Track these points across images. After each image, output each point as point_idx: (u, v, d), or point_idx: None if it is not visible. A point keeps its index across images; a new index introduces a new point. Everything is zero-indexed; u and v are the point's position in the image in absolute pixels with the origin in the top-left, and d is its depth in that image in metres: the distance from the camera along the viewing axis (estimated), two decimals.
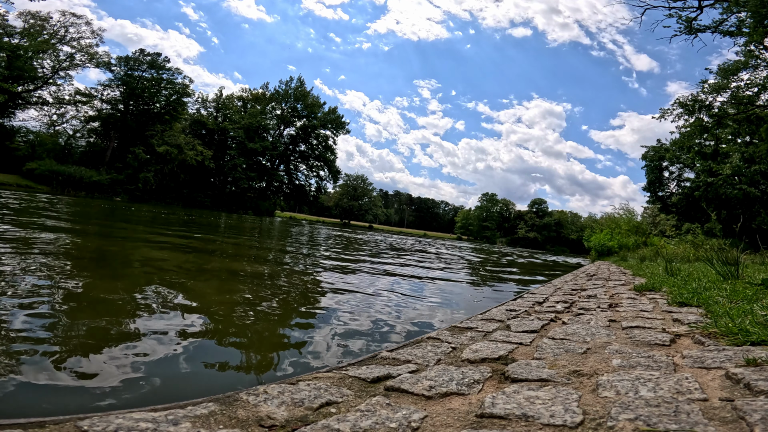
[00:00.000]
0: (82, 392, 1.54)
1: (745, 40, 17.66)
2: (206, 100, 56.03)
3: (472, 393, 1.23)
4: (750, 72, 18.78)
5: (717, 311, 2.20)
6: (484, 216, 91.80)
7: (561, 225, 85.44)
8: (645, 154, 41.28)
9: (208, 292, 3.58)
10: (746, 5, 15.77)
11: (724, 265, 4.16)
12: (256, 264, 6.21)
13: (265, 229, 19.74)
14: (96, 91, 45.09)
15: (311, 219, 76.47)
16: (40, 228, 7.06)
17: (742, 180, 25.39)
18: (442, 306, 4.34)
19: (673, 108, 21.46)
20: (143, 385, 1.66)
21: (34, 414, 1.29)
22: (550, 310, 2.93)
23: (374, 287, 4.96)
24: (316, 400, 1.15)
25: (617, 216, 28.53)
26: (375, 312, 3.54)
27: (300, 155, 61.54)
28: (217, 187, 53.62)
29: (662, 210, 41.16)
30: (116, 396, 1.54)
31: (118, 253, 5.60)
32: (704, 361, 1.41)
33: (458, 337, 2.03)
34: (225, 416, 1.03)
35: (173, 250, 6.52)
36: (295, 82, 59.25)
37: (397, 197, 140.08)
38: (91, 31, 42.95)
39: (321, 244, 13.08)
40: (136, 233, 9.17)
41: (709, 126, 21.10)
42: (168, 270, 4.50)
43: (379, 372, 1.43)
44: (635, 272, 7.00)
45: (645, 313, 2.62)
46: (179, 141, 44.70)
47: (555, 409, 1.04)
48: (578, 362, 1.51)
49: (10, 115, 40.02)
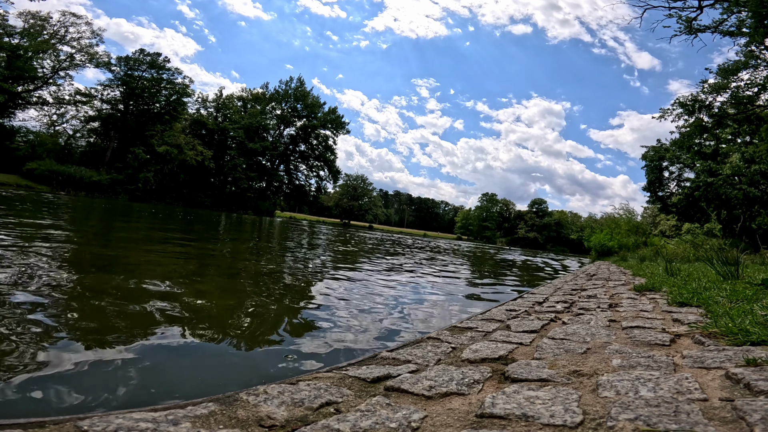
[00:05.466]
0: (82, 392, 1.54)
1: (745, 41, 17.66)
2: (206, 100, 56.08)
3: (472, 393, 1.23)
4: (750, 72, 18.78)
5: (717, 311, 2.20)
6: (484, 216, 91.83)
7: (561, 225, 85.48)
8: (645, 154, 41.28)
9: (207, 292, 3.58)
10: (746, 5, 15.77)
11: (724, 265, 4.16)
12: (256, 264, 6.21)
13: (265, 229, 19.75)
14: (96, 91, 45.13)
15: (311, 219, 76.46)
16: (40, 226, 7.07)
17: (742, 180, 25.40)
18: (442, 305, 4.34)
19: (673, 108, 21.46)
20: (143, 385, 1.66)
21: (34, 414, 1.29)
22: (550, 310, 2.93)
23: (374, 287, 4.96)
24: (316, 400, 1.15)
25: (617, 216, 28.58)
26: (375, 312, 3.54)
27: (300, 155, 61.55)
28: (217, 187, 53.63)
29: (662, 210, 41.16)
30: (116, 396, 1.54)
31: (117, 252, 5.60)
32: (704, 361, 1.41)
33: (458, 337, 2.03)
34: (225, 416, 1.03)
35: (172, 250, 6.52)
36: (295, 82, 59.29)
37: (397, 197, 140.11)
38: (91, 31, 42.99)
39: (321, 244, 13.08)
40: (135, 233, 9.17)
41: (709, 126, 21.10)
42: (166, 270, 4.50)
43: (379, 372, 1.43)
44: (635, 272, 7.00)
45: (645, 313, 2.62)
46: (179, 141, 44.70)
47: (555, 409, 1.04)
48: (578, 362, 1.51)
49: (10, 115, 40.02)
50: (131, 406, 1.08)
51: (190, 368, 1.92)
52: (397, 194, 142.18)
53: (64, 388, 1.56)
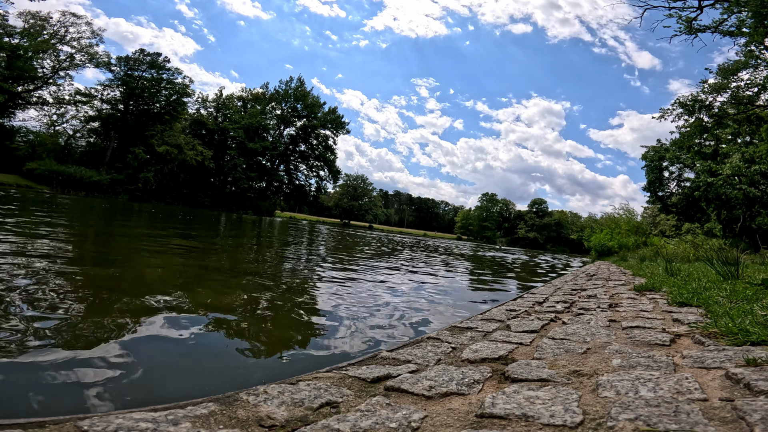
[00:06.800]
0: (82, 392, 1.54)
1: (745, 41, 17.66)
2: (206, 100, 56.08)
3: (472, 393, 1.23)
4: (750, 72, 18.78)
5: (717, 311, 2.20)
6: (484, 216, 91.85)
7: (561, 225, 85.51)
8: (645, 154, 41.28)
9: (207, 292, 3.58)
10: (746, 5, 15.77)
11: (724, 265, 4.16)
12: (256, 264, 6.21)
13: (264, 229, 19.75)
14: (96, 91, 45.13)
15: (311, 219, 76.48)
16: (40, 226, 7.07)
17: (742, 180, 25.38)
18: (442, 305, 4.34)
19: (673, 108, 21.47)
20: (143, 385, 1.66)
21: (34, 414, 1.29)
22: (550, 310, 2.93)
23: (374, 287, 4.96)
24: (316, 400, 1.15)
25: (617, 216, 28.58)
26: (375, 312, 3.54)
27: (300, 155, 61.56)
28: (217, 187, 53.64)
29: (662, 210, 41.16)
30: (116, 396, 1.54)
31: (117, 251, 5.60)
32: (704, 361, 1.41)
33: (458, 337, 2.03)
34: (225, 416, 1.03)
35: (172, 250, 6.52)
36: (295, 82, 59.30)
37: (397, 197, 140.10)
38: (91, 31, 42.98)
39: (321, 244, 13.08)
40: (135, 232, 9.17)
41: (709, 126, 21.10)
42: (166, 270, 4.50)
43: (379, 372, 1.43)
44: (635, 272, 7.00)
45: (645, 313, 2.62)
46: (179, 141, 44.70)
47: (555, 409, 1.04)
48: (578, 362, 1.51)
49: (10, 115, 40.01)
50: (131, 406, 1.08)
51: (190, 368, 1.92)
52: (397, 194, 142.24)
53: (64, 388, 1.56)
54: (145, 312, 2.66)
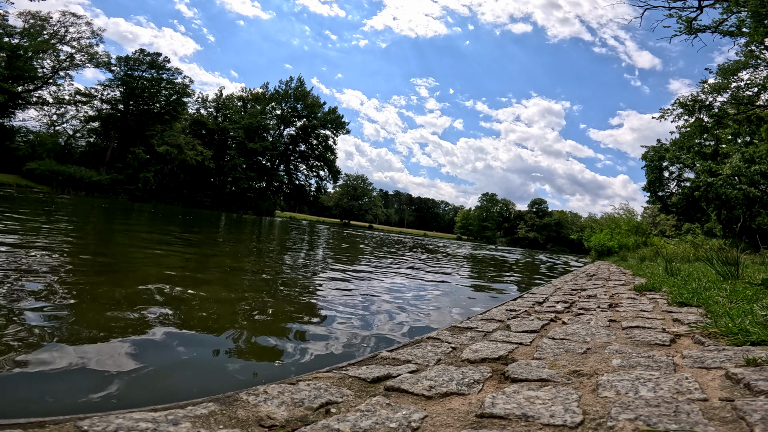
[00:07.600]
0: (82, 392, 1.54)
1: (745, 41, 17.66)
2: (206, 100, 56.05)
3: (472, 393, 1.23)
4: (750, 72, 18.77)
5: (717, 311, 2.20)
6: (484, 216, 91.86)
7: (561, 225, 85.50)
8: (645, 154, 41.27)
9: (207, 292, 3.58)
10: (746, 5, 15.77)
11: (724, 265, 4.16)
12: (256, 264, 6.21)
13: (264, 229, 19.74)
14: (96, 91, 45.10)
15: (311, 219, 76.46)
16: (40, 226, 7.07)
17: (742, 180, 25.39)
18: (442, 305, 4.34)
19: (673, 108, 21.45)
20: (143, 385, 1.66)
21: (34, 414, 1.29)
22: (550, 310, 2.93)
23: (374, 286, 4.96)
24: (316, 400, 1.15)
25: (617, 216, 28.56)
26: (375, 311, 3.54)
27: (300, 155, 61.54)
28: (217, 187, 53.62)
29: (662, 210, 41.14)
30: (116, 396, 1.54)
31: (117, 251, 5.60)
32: (704, 361, 1.41)
33: (458, 337, 2.03)
34: (225, 416, 1.03)
35: (172, 250, 6.52)
36: (294, 82, 59.27)
37: (396, 197, 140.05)
38: (91, 31, 42.94)
39: (321, 244, 13.08)
40: (134, 232, 9.17)
41: (709, 126, 21.09)
42: (165, 270, 4.50)
43: (379, 372, 1.43)
44: (635, 272, 7.00)
45: (645, 313, 2.62)
46: (179, 141, 44.68)
47: (555, 409, 1.04)
48: (578, 362, 1.51)
49: (10, 115, 40.00)
50: (131, 406, 1.08)
51: (190, 368, 1.92)
52: (397, 194, 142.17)
53: (64, 388, 1.56)
54: (145, 312, 2.66)
